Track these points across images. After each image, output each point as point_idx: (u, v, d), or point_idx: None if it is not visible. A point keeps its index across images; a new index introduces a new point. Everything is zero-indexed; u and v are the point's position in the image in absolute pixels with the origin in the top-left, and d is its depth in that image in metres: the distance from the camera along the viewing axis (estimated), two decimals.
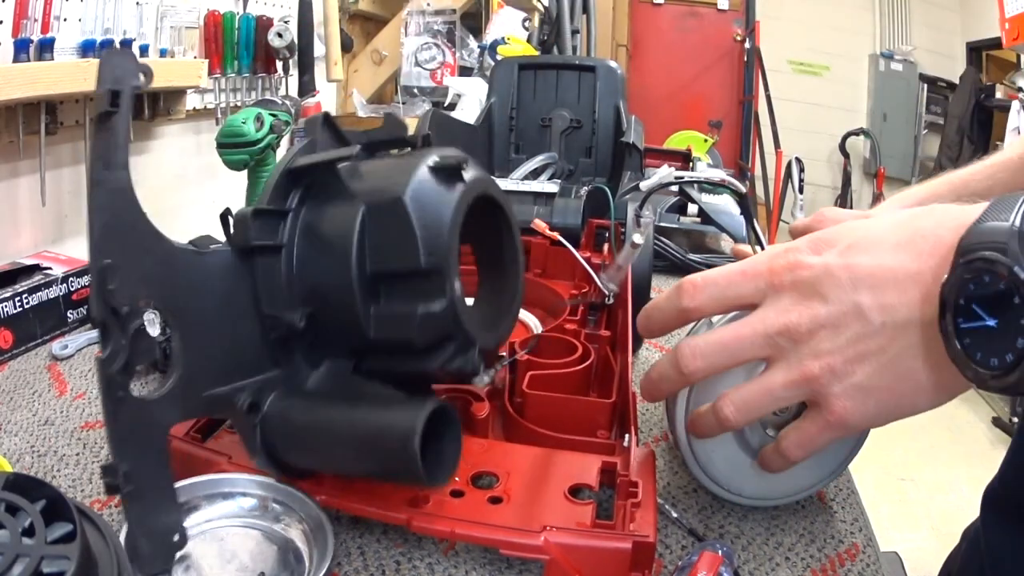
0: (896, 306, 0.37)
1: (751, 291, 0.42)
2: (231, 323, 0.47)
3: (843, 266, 0.39)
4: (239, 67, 1.31)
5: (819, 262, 0.40)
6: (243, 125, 0.86)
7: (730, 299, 0.43)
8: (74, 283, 0.84)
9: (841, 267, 0.39)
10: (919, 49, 4.81)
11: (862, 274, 0.38)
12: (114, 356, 0.39)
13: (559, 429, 0.57)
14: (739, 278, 0.43)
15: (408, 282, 0.48)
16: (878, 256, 0.38)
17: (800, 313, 0.39)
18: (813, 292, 0.39)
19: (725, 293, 0.43)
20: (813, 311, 0.39)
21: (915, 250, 0.38)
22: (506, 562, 0.49)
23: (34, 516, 0.31)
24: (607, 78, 1.28)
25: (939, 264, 0.36)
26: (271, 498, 0.50)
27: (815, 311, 0.39)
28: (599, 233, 0.95)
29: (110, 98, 0.40)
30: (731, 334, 0.42)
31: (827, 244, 0.40)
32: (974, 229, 0.35)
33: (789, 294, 0.40)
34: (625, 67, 3.24)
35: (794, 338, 0.40)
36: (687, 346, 0.44)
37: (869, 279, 0.38)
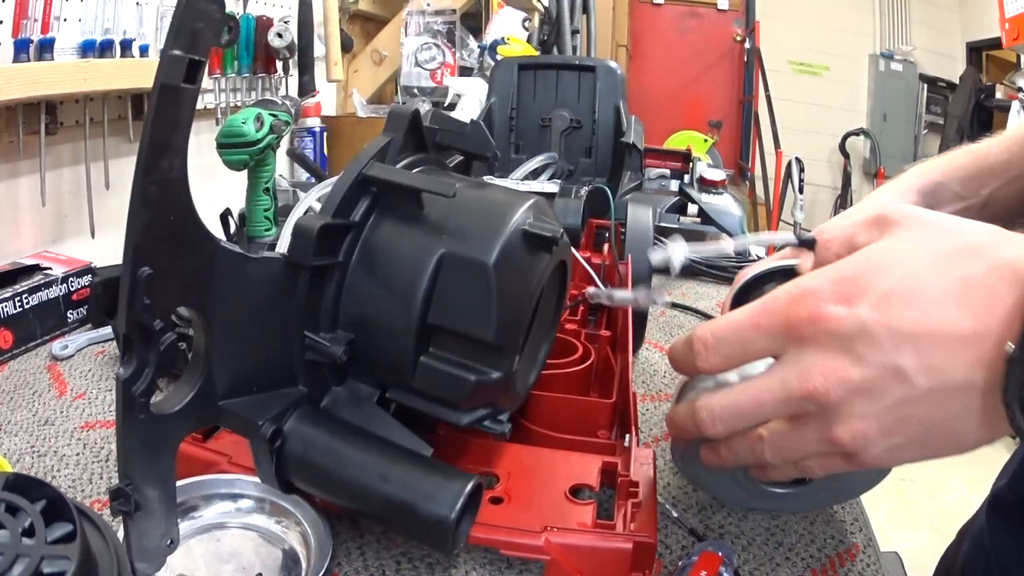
0: (946, 368, 0.33)
1: (767, 346, 0.37)
2: (264, 335, 0.43)
3: (881, 323, 0.33)
4: (239, 67, 1.31)
5: (849, 316, 0.34)
6: (243, 125, 0.86)
7: (746, 356, 0.39)
8: (74, 283, 0.84)
9: (879, 324, 0.33)
10: (919, 49, 4.81)
11: (904, 332, 0.33)
12: (138, 375, 0.35)
13: (559, 429, 0.57)
14: (753, 332, 0.38)
15: (469, 347, 0.45)
16: (923, 310, 0.33)
17: (827, 377, 0.34)
18: (843, 351, 0.34)
19: (739, 351, 0.39)
20: (844, 374, 0.34)
21: (969, 306, 0.33)
22: (506, 562, 0.49)
23: (34, 516, 0.31)
24: (607, 78, 1.28)
25: (999, 326, 0.32)
26: (270, 499, 0.50)
27: (847, 374, 0.34)
28: (599, 233, 0.95)
29: (187, 69, 0.32)
30: (750, 399, 0.38)
31: (857, 291, 0.34)
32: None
33: (813, 351, 0.35)
34: (625, 67, 3.24)
35: (822, 403, 0.35)
36: (705, 408, 0.40)
37: (912, 338, 0.33)
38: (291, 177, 1.54)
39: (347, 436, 0.44)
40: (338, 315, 0.46)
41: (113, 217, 1.04)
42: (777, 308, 0.37)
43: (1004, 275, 0.33)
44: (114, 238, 1.05)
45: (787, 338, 0.36)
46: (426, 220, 0.46)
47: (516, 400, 0.51)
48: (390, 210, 0.47)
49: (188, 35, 0.32)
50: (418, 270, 0.44)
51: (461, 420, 0.46)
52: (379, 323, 0.45)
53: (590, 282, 0.81)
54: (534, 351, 0.55)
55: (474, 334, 0.44)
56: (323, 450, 0.43)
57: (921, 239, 0.36)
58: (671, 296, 1.09)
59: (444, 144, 0.56)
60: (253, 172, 0.92)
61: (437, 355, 0.45)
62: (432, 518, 0.40)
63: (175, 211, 0.35)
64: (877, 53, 4.87)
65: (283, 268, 0.43)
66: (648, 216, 0.84)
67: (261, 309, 0.43)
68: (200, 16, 0.32)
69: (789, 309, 0.36)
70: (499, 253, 0.44)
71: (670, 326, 0.98)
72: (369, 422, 0.46)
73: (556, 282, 0.55)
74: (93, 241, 1.03)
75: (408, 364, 0.45)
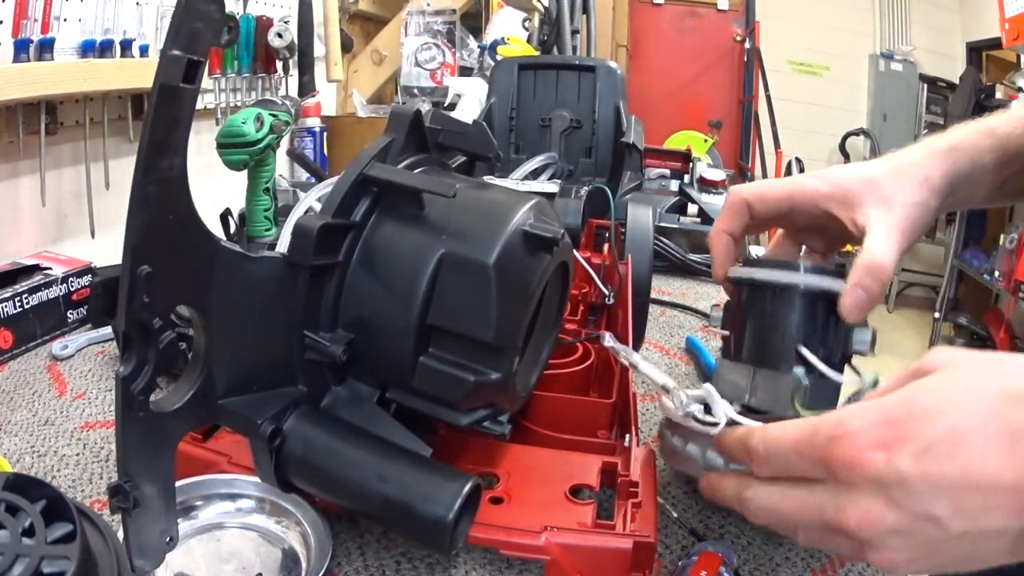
0: (983, 516, 0.33)
1: (809, 473, 0.38)
2: (264, 335, 0.44)
3: (920, 474, 0.34)
4: (239, 67, 1.31)
5: (888, 465, 0.35)
6: (243, 125, 0.86)
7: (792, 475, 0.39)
8: (74, 283, 0.84)
9: (918, 476, 0.34)
10: (919, 49, 4.80)
11: (944, 484, 0.34)
12: (137, 373, 0.35)
13: (559, 429, 0.57)
14: (796, 459, 0.39)
15: (469, 347, 0.45)
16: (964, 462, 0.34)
17: (861, 519, 0.35)
18: (879, 495, 0.35)
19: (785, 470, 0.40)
20: (878, 518, 0.35)
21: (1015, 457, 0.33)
22: (506, 562, 0.49)
23: (34, 516, 0.31)
24: (607, 78, 1.28)
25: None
26: (270, 499, 0.50)
27: (880, 518, 0.35)
28: (599, 233, 0.95)
29: (185, 69, 0.32)
30: (792, 512, 0.39)
31: (899, 439, 0.35)
32: None
33: (849, 491, 0.36)
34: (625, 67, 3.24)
35: (853, 536, 0.36)
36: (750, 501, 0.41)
37: (950, 489, 0.34)
38: (291, 177, 1.54)
39: (346, 436, 0.44)
40: (338, 315, 0.46)
41: (113, 217, 1.04)
42: (819, 443, 0.37)
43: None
44: (114, 238, 1.05)
45: (825, 473, 0.37)
46: (426, 220, 0.46)
47: (517, 401, 0.51)
48: (390, 210, 0.47)
49: (187, 35, 0.32)
50: (418, 270, 0.44)
51: (461, 421, 0.46)
52: (379, 323, 0.45)
53: (590, 282, 0.81)
54: (535, 352, 0.55)
55: (474, 335, 0.44)
56: (322, 450, 0.43)
57: (968, 382, 0.36)
58: (670, 296, 1.09)
59: (446, 145, 0.56)
60: (253, 172, 0.92)
61: (437, 355, 0.45)
62: (430, 518, 0.40)
63: (175, 211, 0.35)
64: (877, 53, 4.87)
65: (283, 268, 0.43)
66: (648, 216, 0.84)
67: (261, 308, 0.43)
68: (199, 16, 0.32)
69: (829, 450, 0.37)
70: (499, 253, 0.44)
71: (670, 326, 0.98)
72: (369, 422, 0.46)
73: (557, 283, 0.55)
74: (93, 241, 1.03)
75: (408, 364, 0.45)
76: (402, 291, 0.44)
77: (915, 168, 0.50)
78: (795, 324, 0.48)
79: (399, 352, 0.45)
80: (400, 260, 0.45)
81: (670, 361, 0.87)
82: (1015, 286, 3.04)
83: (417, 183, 0.45)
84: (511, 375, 0.47)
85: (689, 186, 1.34)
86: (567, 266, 0.55)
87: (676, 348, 0.91)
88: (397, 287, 0.45)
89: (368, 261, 0.46)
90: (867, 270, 0.46)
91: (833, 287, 0.48)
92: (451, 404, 0.46)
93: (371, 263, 0.46)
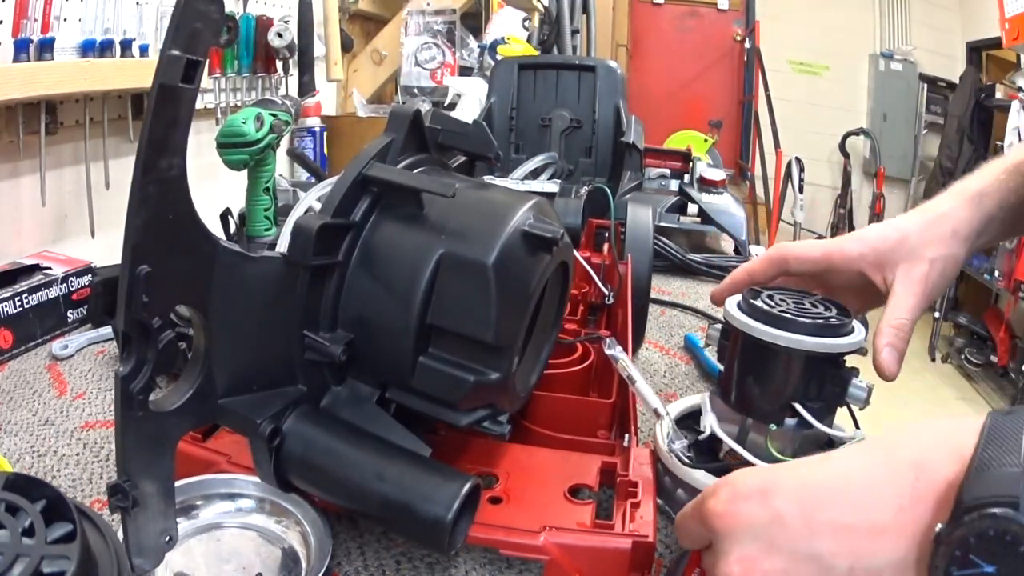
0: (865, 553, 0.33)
1: (701, 536, 0.38)
2: (264, 335, 0.44)
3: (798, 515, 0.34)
4: (239, 67, 1.31)
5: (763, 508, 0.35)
6: (243, 125, 0.86)
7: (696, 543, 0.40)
8: (74, 283, 0.84)
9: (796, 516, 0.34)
10: (919, 49, 4.80)
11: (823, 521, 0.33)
12: (136, 372, 0.35)
13: (559, 429, 0.57)
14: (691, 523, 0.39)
15: (468, 347, 0.45)
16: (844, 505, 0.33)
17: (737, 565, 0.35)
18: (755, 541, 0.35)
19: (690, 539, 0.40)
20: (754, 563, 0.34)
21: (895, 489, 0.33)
22: (506, 562, 0.49)
23: (34, 516, 0.31)
24: (607, 78, 1.28)
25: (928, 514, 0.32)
26: (270, 499, 0.50)
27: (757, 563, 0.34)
28: (599, 233, 0.95)
29: (184, 69, 0.32)
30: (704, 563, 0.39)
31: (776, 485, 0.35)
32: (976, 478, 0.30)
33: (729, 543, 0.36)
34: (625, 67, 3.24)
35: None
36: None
37: (830, 527, 0.33)
38: (291, 177, 1.54)
39: (346, 436, 0.44)
40: (338, 315, 0.46)
41: (113, 217, 1.04)
42: (699, 502, 0.38)
43: (934, 452, 0.33)
44: (114, 238, 1.05)
45: (707, 530, 0.37)
46: (426, 220, 0.46)
47: (516, 401, 0.51)
48: (390, 210, 0.47)
49: (187, 35, 0.32)
50: (418, 270, 0.44)
51: (460, 421, 0.46)
52: (378, 323, 0.45)
53: (590, 282, 0.81)
54: (535, 352, 0.55)
55: (473, 335, 0.44)
56: (321, 449, 0.43)
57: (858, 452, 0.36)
58: (670, 295, 1.09)
59: (446, 145, 0.56)
60: (253, 172, 0.92)
61: (436, 355, 0.45)
62: (429, 518, 0.40)
63: (174, 210, 0.35)
64: (877, 53, 4.87)
65: (283, 268, 0.43)
66: (648, 216, 0.84)
67: (261, 308, 0.43)
68: (199, 16, 0.32)
69: (706, 504, 0.37)
70: (499, 253, 0.44)
71: (670, 326, 0.98)
72: (368, 422, 0.46)
73: (557, 283, 0.55)
74: (93, 241, 1.03)
75: (407, 364, 0.45)
76: (401, 291, 0.44)
77: (944, 221, 0.52)
78: (790, 382, 0.48)
79: (399, 352, 0.45)
80: (400, 260, 0.45)
81: (670, 360, 0.87)
82: (1015, 286, 3.04)
83: (416, 183, 0.45)
84: (511, 375, 0.47)
85: (689, 186, 1.34)
86: (567, 266, 0.55)
87: (676, 348, 0.91)
88: (396, 287, 0.44)
89: (368, 261, 0.46)
90: (893, 330, 0.49)
91: (832, 348, 0.47)
92: (451, 404, 0.46)
93: (371, 263, 0.46)
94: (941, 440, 0.33)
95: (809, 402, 0.48)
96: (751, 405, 0.50)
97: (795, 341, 0.47)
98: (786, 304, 0.50)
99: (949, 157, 4.21)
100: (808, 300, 0.51)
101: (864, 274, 0.52)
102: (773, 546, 0.34)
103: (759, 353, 0.49)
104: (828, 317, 0.48)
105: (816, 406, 0.48)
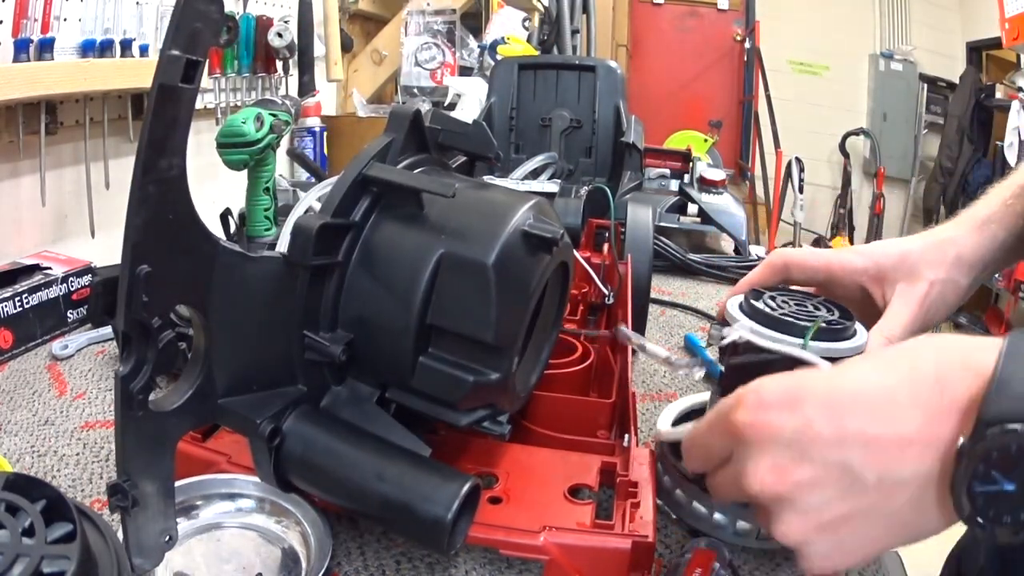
0: (893, 464, 0.33)
1: (722, 450, 0.38)
2: (264, 335, 0.44)
3: (827, 423, 0.34)
4: (239, 67, 1.31)
5: (793, 419, 0.35)
6: (243, 125, 0.86)
7: (712, 461, 0.39)
8: (74, 283, 0.84)
9: (825, 424, 0.34)
10: (919, 49, 4.80)
11: (851, 432, 0.34)
12: (136, 372, 0.35)
13: (559, 429, 0.57)
14: (709, 438, 0.39)
15: (468, 347, 0.45)
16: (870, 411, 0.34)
17: (769, 474, 0.35)
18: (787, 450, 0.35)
19: (705, 457, 0.40)
20: (787, 471, 0.34)
21: (919, 404, 0.33)
22: (506, 562, 0.49)
23: (34, 516, 0.31)
24: (607, 78, 1.28)
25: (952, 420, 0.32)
26: (270, 499, 0.50)
27: (790, 472, 0.34)
28: (599, 233, 0.95)
29: (184, 69, 0.32)
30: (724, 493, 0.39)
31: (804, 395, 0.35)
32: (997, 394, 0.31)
33: (757, 451, 0.36)
34: (625, 67, 3.24)
35: (771, 498, 0.35)
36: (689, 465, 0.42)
37: (860, 438, 0.34)
38: (291, 177, 1.54)
39: (345, 436, 0.44)
40: (338, 315, 0.46)
41: (113, 217, 1.05)
42: (724, 412, 0.37)
43: (954, 369, 0.33)
44: (114, 238, 1.05)
45: (733, 440, 0.37)
46: (426, 220, 0.46)
47: (516, 401, 0.51)
48: (390, 210, 0.47)
49: (186, 35, 0.32)
50: (418, 270, 0.44)
51: (460, 421, 0.46)
52: (378, 323, 0.45)
53: (590, 282, 0.81)
54: (535, 352, 0.55)
55: (473, 335, 0.44)
56: (321, 449, 0.43)
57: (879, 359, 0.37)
58: (670, 295, 1.09)
59: (446, 145, 0.56)
60: (253, 172, 0.92)
61: (436, 355, 0.45)
62: (428, 518, 0.40)
63: (174, 210, 0.35)
64: (877, 53, 4.87)
65: (283, 268, 0.43)
66: (648, 216, 0.84)
67: (261, 308, 0.43)
68: (198, 16, 0.32)
69: (733, 414, 0.37)
70: (499, 253, 0.44)
71: (670, 325, 0.98)
72: (368, 422, 0.46)
73: (557, 283, 0.55)
74: (93, 241, 1.03)
75: (407, 364, 0.45)
76: (401, 291, 0.44)
77: (949, 245, 0.52)
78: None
79: (399, 352, 0.45)
80: (399, 260, 0.45)
81: None
82: (1015, 286, 3.04)
83: (416, 183, 0.45)
84: (511, 375, 0.47)
85: (689, 186, 1.34)
86: (567, 266, 0.55)
87: (676, 347, 0.91)
88: (396, 287, 0.44)
89: (368, 261, 0.46)
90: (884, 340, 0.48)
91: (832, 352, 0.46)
92: (450, 404, 0.46)
93: (371, 263, 0.46)
94: (962, 356, 0.34)
95: None
96: None
97: (794, 350, 0.47)
98: (788, 306, 0.50)
99: (949, 157, 4.22)
100: (810, 302, 0.51)
101: (864, 288, 0.53)
102: (804, 454, 0.34)
103: (762, 363, 0.48)
104: (830, 320, 0.48)
105: None
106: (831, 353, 0.47)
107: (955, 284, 0.51)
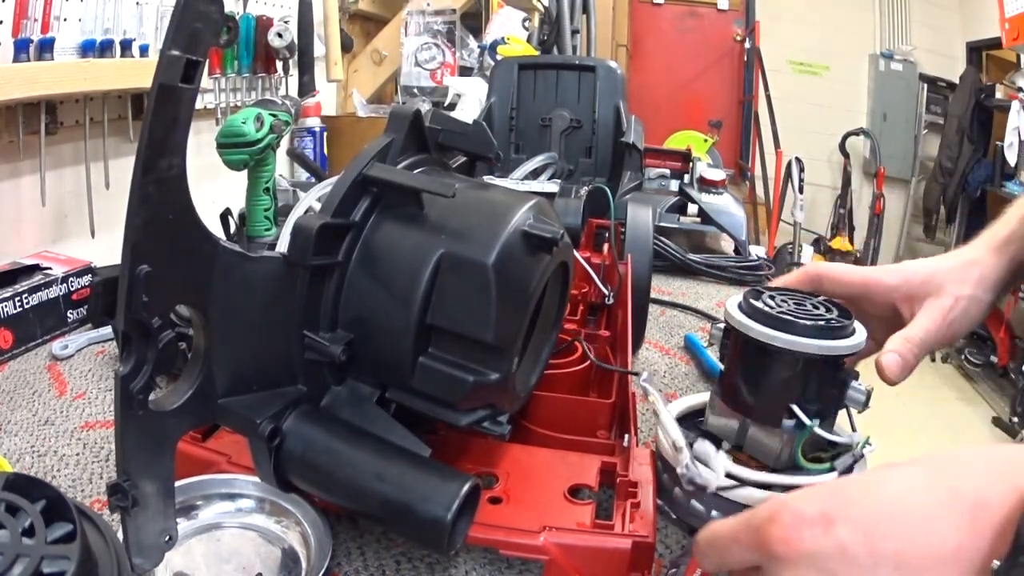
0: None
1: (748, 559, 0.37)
2: (264, 335, 0.44)
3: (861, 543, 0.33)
4: (239, 67, 1.31)
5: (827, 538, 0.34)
6: (243, 125, 0.86)
7: (729, 566, 0.39)
8: (74, 283, 0.84)
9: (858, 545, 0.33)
10: (919, 49, 4.81)
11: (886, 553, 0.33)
12: (136, 372, 0.35)
13: (559, 429, 0.57)
14: (733, 545, 0.38)
15: (468, 348, 0.45)
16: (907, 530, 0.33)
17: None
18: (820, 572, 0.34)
19: (724, 559, 0.39)
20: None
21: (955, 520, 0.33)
22: (506, 562, 0.49)
23: (34, 516, 0.31)
24: (607, 78, 1.28)
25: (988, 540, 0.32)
26: (270, 499, 0.50)
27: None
28: (599, 233, 0.95)
29: (184, 69, 0.32)
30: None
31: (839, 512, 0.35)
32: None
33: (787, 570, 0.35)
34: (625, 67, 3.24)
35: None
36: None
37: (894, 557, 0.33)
38: (291, 177, 1.54)
39: (345, 436, 0.44)
40: (338, 315, 0.46)
41: (113, 217, 1.04)
42: (756, 524, 0.37)
43: (996, 485, 0.33)
44: (114, 238, 1.05)
45: (765, 555, 0.36)
46: (426, 220, 0.46)
47: (516, 401, 0.51)
48: (390, 210, 0.47)
49: (186, 35, 0.32)
50: (417, 270, 0.44)
51: (460, 421, 0.46)
52: (378, 323, 0.45)
53: (590, 282, 0.81)
54: (535, 352, 0.55)
55: (473, 335, 0.44)
56: (321, 449, 0.43)
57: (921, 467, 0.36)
58: (670, 295, 1.09)
59: (446, 145, 0.56)
60: (253, 172, 0.92)
61: (436, 355, 0.45)
62: (428, 518, 0.40)
63: (174, 210, 0.35)
64: (877, 53, 4.87)
65: (283, 268, 0.43)
66: (648, 216, 0.84)
67: (261, 308, 0.43)
68: (199, 16, 0.32)
69: (766, 529, 0.36)
70: (498, 253, 0.44)
71: (670, 326, 0.98)
72: (368, 422, 0.46)
73: (557, 283, 0.55)
74: (93, 241, 1.03)
75: (407, 364, 0.45)
76: (401, 291, 0.44)
77: (973, 266, 0.55)
78: (789, 384, 0.48)
79: (399, 352, 0.45)
80: (399, 260, 0.45)
81: (670, 360, 0.87)
82: None
83: (416, 183, 0.45)
84: (511, 375, 0.47)
85: (689, 186, 1.34)
86: (567, 266, 0.55)
87: (676, 348, 0.91)
88: (396, 287, 0.44)
89: (368, 261, 0.46)
90: (903, 340, 0.51)
91: (831, 349, 0.47)
92: (450, 404, 0.46)
93: (371, 263, 0.46)
94: (1001, 472, 0.33)
95: (808, 404, 0.48)
96: (750, 406, 0.50)
97: (794, 343, 0.47)
98: (787, 305, 0.50)
99: (949, 157, 4.22)
100: (810, 301, 0.51)
101: (896, 307, 0.55)
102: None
103: (758, 352, 0.49)
104: (829, 319, 0.48)
105: (814, 408, 0.48)
106: (831, 351, 0.47)
107: (978, 300, 0.55)
